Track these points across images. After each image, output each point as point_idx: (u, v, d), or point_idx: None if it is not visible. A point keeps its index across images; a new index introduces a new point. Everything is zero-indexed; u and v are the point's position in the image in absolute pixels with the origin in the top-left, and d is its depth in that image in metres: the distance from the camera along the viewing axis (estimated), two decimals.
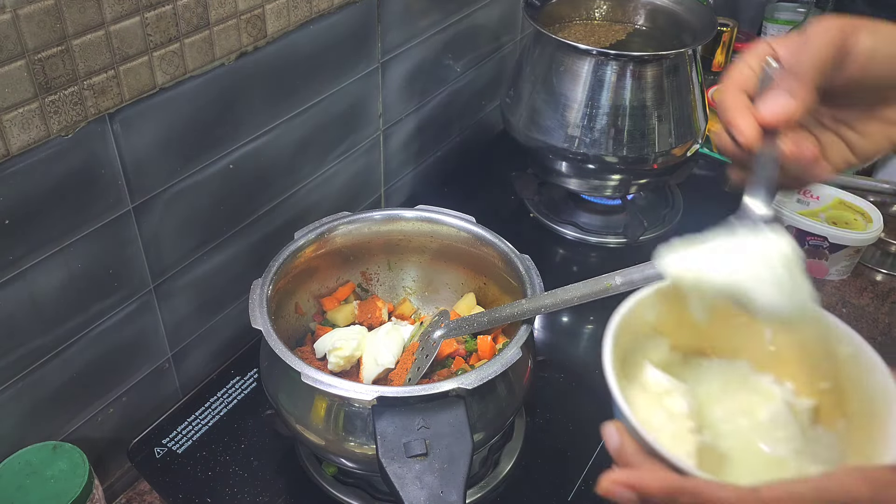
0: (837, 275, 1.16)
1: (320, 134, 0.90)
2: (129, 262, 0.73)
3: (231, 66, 0.75)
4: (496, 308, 0.70)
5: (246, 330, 0.67)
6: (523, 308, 0.68)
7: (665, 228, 1.06)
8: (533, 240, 1.04)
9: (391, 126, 1.03)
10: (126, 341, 0.76)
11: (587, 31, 1.07)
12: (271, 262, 0.72)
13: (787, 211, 1.15)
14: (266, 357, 0.69)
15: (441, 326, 0.73)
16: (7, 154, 0.59)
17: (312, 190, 0.92)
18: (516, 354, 0.63)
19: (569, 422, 0.80)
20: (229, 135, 0.78)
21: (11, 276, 0.64)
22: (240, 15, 0.73)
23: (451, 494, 0.56)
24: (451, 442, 0.58)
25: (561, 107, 0.96)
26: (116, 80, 0.65)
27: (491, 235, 0.77)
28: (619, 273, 0.63)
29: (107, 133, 0.66)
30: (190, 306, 0.82)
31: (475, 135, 1.23)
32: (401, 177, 1.10)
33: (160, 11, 0.66)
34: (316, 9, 0.81)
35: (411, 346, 0.75)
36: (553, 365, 0.86)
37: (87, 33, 0.61)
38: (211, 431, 0.78)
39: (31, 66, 0.58)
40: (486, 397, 0.64)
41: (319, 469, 0.74)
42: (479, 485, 0.73)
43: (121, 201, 0.70)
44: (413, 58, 1.01)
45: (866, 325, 1.07)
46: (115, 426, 0.79)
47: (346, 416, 0.63)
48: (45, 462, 0.68)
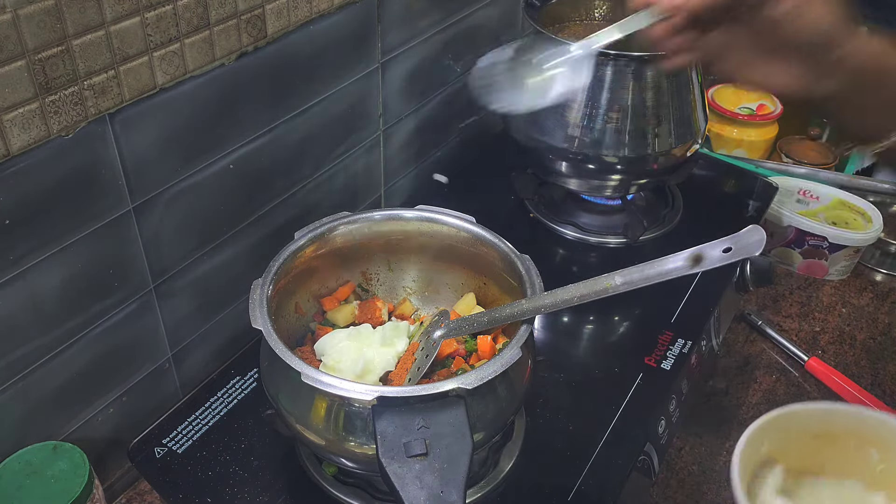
0: (837, 275, 1.16)
1: (320, 134, 0.90)
2: (130, 262, 0.73)
3: (231, 66, 0.75)
4: (496, 308, 0.70)
5: (246, 330, 0.67)
6: (523, 308, 0.68)
7: (665, 228, 1.06)
8: (533, 240, 1.04)
9: (391, 126, 1.03)
10: (126, 341, 0.76)
11: (587, 32, 1.07)
12: (271, 262, 0.72)
13: (786, 211, 1.15)
14: (266, 357, 0.69)
15: (441, 326, 0.73)
16: (7, 154, 0.59)
17: (312, 190, 0.93)
18: (516, 354, 0.63)
19: (569, 422, 0.80)
20: (229, 135, 0.78)
21: (11, 276, 0.64)
22: (240, 15, 0.73)
23: (451, 494, 0.56)
24: (451, 442, 0.58)
25: (561, 107, 0.96)
26: (117, 80, 0.65)
27: (491, 235, 0.77)
28: (619, 273, 0.64)
29: (107, 133, 0.66)
30: (190, 306, 0.82)
31: (475, 135, 1.23)
32: (401, 177, 1.10)
33: (160, 11, 0.66)
34: (316, 9, 0.81)
35: (411, 346, 0.75)
36: (553, 365, 0.86)
37: (88, 33, 0.61)
38: (211, 431, 0.78)
39: (32, 66, 0.58)
40: (486, 397, 0.64)
41: (319, 469, 0.74)
42: (479, 485, 0.73)
43: (121, 201, 0.70)
44: (413, 58, 1.01)
45: (866, 325, 1.08)
46: (115, 426, 0.79)
47: (346, 416, 0.63)
48: (46, 462, 0.68)
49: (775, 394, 0.99)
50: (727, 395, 0.98)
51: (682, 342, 0.88)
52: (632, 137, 0.95)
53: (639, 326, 0.93)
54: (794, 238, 1.15)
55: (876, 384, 1.00)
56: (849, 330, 1.08)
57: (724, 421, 0.94)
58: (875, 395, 0.97)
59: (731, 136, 1.37)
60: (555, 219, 1.07)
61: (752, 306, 1.11)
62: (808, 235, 1.14)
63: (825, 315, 1.11)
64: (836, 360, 1.03)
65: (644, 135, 0.96)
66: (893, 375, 1.02)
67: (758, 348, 1.05)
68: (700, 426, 0.94)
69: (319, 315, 0.81)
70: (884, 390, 0.99)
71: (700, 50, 0.65)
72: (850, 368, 1.02)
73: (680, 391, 0.87)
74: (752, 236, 0.59)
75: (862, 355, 1.04)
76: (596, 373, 0.85)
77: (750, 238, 0.59)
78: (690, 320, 0.91)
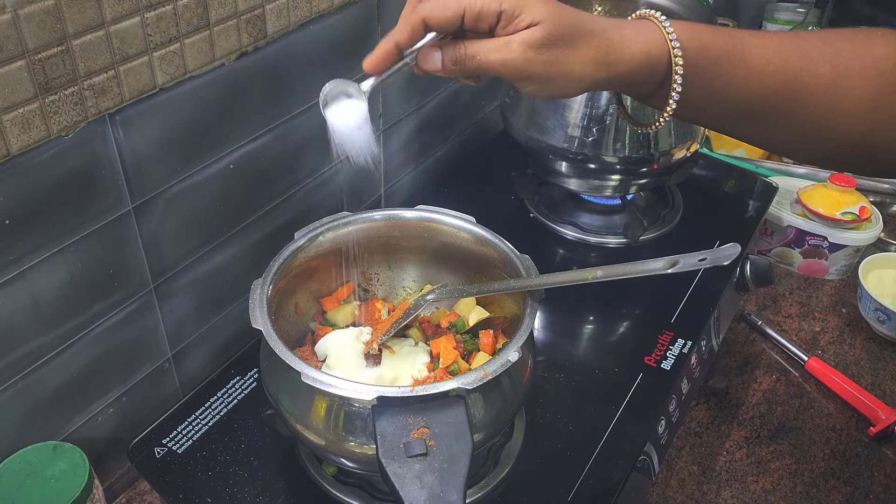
0: (837, 275, 1.16)
1: (320, 134, 0.90)
2: (129, 262, 0.73)
3: (231, 66, 0.75)
4: (485, 283, 0.75)
5: (246, 330, 0.67)
6: (510, 284, 0.73)
7: (665, 228, 1.06)
8: (533, 240, 1.04)
9: (391, 126, 1.03)
10: (126, 341, 0.76)
11: None
12: (271, 262, 0.72)
13: (785, 212, 1.15)
14: (266, 357, 0.69)
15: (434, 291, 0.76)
16: (7, 154, 0.59)
17: (312, 190, 0.93)
18: (516, 354, 0.64)
19: (569, 422, 0.80)
20: (229, 135, 0.78)
21: (11, 276, 0.64)
22: (240, 15, 0.73)
23: (451, 494, 0.56)
24: (451, 442, 0.58)
25: (561, 107, 0.96)
26: (117, 80, 0.65)
27: (491, 235, 0.77)
28: (601, 268, 0.70)
29: (107, 133, 0.66)
30: (190, 306, 0.82)
31: (475, 135, 1.23)
32: (401, 177, 1.10)
33: (160, 11, 0.66)
34: (316, 9, 0.81)
35: (403, 303, 0.78)
36: (553, 365, 0.86)
37: (88, 33, 0.61)
38: (211, 431, 0.78)
39: (32, 66, 0.58)
40: (486, 397, 0.64)
41: (319, 469, 0.74)
42: (479, 485, 0.73)
43: (121, 201, 0.70)
44: None
45: (866, 325, 1.08)
46: (115, 426, 0.79)
47: (346, 416, 0.63)
48: (46, 462, 0.68)
49: (775, 394, 0.99)
50: (727, 395, 0.98)
51: (682, 342, 0.88)
52: (632, 137, 0.95)
53: (639, 326, 0.93)
54: (794, 238, 1.15)
55: (876, 384, 1.00)
56: (849, 330, 1.08)
57: (724, 421, 0.95)
58: (875, 395, 0.97)
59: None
60: (555, 219, 1.07)
61: (752, 306, 1.11)
62: (808, 235, 1.14)
63: (825, 315, 1.11)
64: (836, 360, 1.03)
65: (644, 135, 0.96)
66: (893, 375, 1.02)
67: (758, 348, 1.05)
68: (700, 426, 0.94)
69: (319, 315, 0.81)
70: (884, 390, 0.99)
71: None
72: (850, 368, 1.02)
73: (680, 391, 0.87)
74: (726, 251, 0.65)
75: (862, 355, 1.04)
76: (596, 373, 0.85)
77: (724, 252, 0.65)
78: (690, 320, 0.91)
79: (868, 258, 1.10)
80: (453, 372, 0.71)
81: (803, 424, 0.95)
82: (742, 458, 0.90)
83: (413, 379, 0.71)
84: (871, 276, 1.09)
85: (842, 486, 0.88)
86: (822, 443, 0.93)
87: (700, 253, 0.67)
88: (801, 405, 0.98)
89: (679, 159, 1.00)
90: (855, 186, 1.15)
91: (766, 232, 1.17)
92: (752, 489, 0.87)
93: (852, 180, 1.15)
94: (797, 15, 1.52)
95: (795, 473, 0.89)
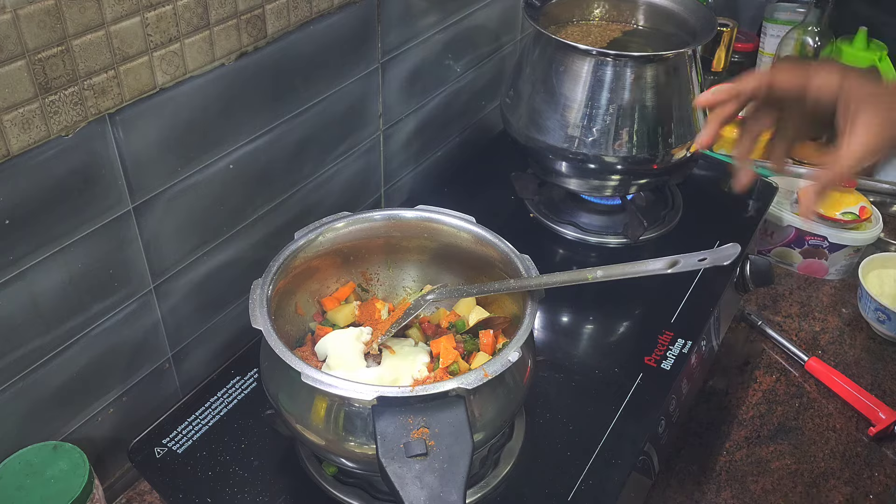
0: (837, 275, 1.16)
1: (320, 134, 0.90)
2: (129, 262, 0.73)
3: (231, 66, 0.75)
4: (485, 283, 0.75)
5: (246, 330, 0.67)
6: (510, 285, 0.73)
7: (665, 228, 1.06)
8: (533, 240, 1.04)
9: (391, 126, 1.03)
10: (126, 341, 0.76)
11: (587, 32, 1.07)
12: (271, 262, 0.72)
13: (786, 212, 1.15)
14: (266, 357, 0.69)
15: (434, 291, 0.76)
16: (7, 154, 0.59)
17: (312, 190, 0.93)
18: (516, 354, 0.64)
19: (569, 422, 0.80)
20: (229, 135, 0.78)
21: (11, 276, 0.64)
22: (240, 15, 0.73)
23: (451, 494, 0.56)
24: (451, 442, 0.58)
25: (561, 107, 0.96)
26: (116, 80, 0.65)
27: (491, 235, 0.77)
28: (601, 268, 0.71)
29: (107, 133, 0.66)
30: (190, 306, 0.82)
31: (475, 135, 1.23)
32: (401, 177, 1.10)
33: (160, 11, 0.66)
34: (316, 9, 0.82)
35: (403, 303, 0.78)
36: (553, 365, 0.86)
37: (88, 33, 0.61)
38: (211, 431, 0.78)
39: (32, 66, 0.58)
40: (486, 397, 0.64)
41: (319, 469, 0.74)
42: (479, 485, 0.73)
43: (121, 201, 0.70)
44: (413, 58, 1.02)
45: (866, 325, 1.08)
46: (115, 426, 0.79)
47: (346, 416, 0.63)
48: (46, 462, 0.68)
49: (775, 394, 0.99)
50: (727, 395, 0.98)
51: (682, 342, 0.88)
52: (631, 137, 0.95)
53: (639, 326, 0.93)
54: (794, 238, 1.15)
55: (876, 384, 1.00)
56: (849, 330, 1.08)
57: (724, 421, 0.95)
58: (875, 395, 0.97)
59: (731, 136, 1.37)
60: (555, 219, 1.07)
61: (752, 306, 1.11)
62: (808, 235, 1.14)
63: (825, 315, 1.11)
64: (836, 360, 1.03)
65: (644, 135, 0.96)
66: (893, 375, 1.02)
67: (758, 348, 1.05)
68: (700, 426, 0.94)
69: (319, 315, 0.81)
70: (884, 390, 0.99)
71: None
72: (850, 368, 1.02)
73: (680, 391, 0.87)
74: (726, 251, 0.67)
75: (862, 355, 1.04)
76: (596, 373, 0.85)
77: (724, 252, 0.67)
78: (690, 320, 0.91)
79: (868, 258, 1.10)
80: (453, 372, 0.71)
81: (803, 424, 0.95)
82: (742, 458, 0.90)
83: (413, 379, 0.71)
84: (871, 276, 1.09)
85: (842, 486, 0.88)
86: (822, 443, 0.93)
87: (700, 253, 0.67)
88: (801, 405, 0.98)
89: (679, 159, 1.00)
90: (855, 186, 1.15)
91: (766, 232, 1.17)
92: (752, 489, 0.87)
93: (852, 180, 1.15)
94: (797, 15, 1.52)
95: (795, 473, 0.89)
